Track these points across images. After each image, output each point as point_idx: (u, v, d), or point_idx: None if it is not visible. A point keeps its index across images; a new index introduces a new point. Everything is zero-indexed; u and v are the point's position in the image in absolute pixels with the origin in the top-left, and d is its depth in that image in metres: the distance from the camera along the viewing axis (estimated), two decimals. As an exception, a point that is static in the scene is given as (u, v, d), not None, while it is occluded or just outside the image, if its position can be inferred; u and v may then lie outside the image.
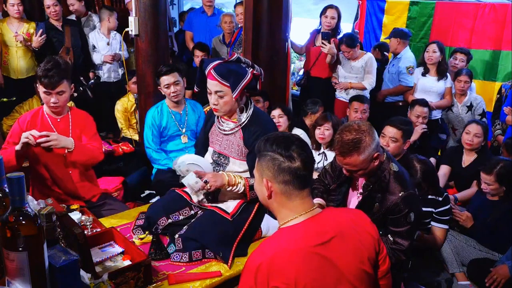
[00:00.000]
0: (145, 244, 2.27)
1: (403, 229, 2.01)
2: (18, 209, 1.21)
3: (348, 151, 1.97)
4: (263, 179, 1.42)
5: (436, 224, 2.82)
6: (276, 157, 1.39)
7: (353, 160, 1.99)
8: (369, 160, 2.00)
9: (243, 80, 2.19)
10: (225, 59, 2.26)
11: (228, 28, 5.04)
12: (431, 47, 4.36)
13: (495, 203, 2.91)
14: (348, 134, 1.99)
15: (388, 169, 2.06)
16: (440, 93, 4.37)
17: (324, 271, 1.31)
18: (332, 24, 4.41)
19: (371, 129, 2.01)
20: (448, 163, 3.66)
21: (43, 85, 2.44)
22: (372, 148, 1.98)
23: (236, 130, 2.31)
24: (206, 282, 2.01)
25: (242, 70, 2.23)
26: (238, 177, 2.26)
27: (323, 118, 3.49)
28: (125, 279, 1.83)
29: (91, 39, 4.80)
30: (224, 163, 2.36)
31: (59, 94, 2.48)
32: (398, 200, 1.99)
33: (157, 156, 3.34)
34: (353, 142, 1.96)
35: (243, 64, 2.27)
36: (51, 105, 2.50)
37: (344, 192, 2.27)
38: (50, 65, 2.41)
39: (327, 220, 1.41)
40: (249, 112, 2.30)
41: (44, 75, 2.40)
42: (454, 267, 2.80)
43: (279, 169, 1.38)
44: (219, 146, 2.39)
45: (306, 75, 4.69)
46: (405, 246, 2.02)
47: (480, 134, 3.47)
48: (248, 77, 2.21)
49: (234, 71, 2.20)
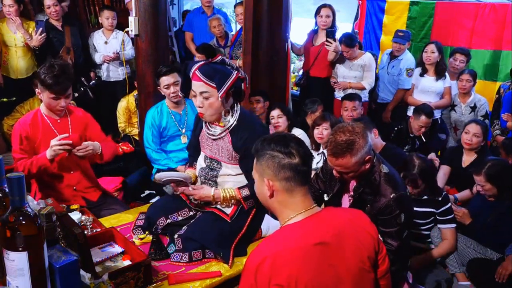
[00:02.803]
0: (145, 244, 2.27)
1: (393, 229, 2.02)
2: (18, 209, 1.21)
3: (341, 152, 1.96)
4: (264, 179, 1.43)
5: (443, 226, 2.80)
6: (275, 155, 1.40)
7: (345, 161, 1.98)
8: (361, 163, 2.00)
9: (229, 79, 2.15)
10: (209, 60, 2.23)
11: (219, 32, 5.05)
12: (429, 47, 4.36)
13: (493, 204, 2.90)
14: (341, 135, 1.98)
15: (378, 171, 2.06)
16: (438, 93, 4.37)
17: (324, 269, 1.32)
18: (328, 22, 4.41)
19: (365, 131, 2.01)
20: (448, 163, 3.66)
21: (53, 92, 2.43)
22: (364, 151, 1.98)
23: (224, 135, 2.26)
24: (206, 282, 2.01)
25: (227, 70, 2.20)
26: (229, 192, 2.24)
27: (321, 117, 3.50)
28: (125, 279, 1.83)
29: (91, 39, 4.80)
30: (217, 168, 2.33)
31: (67, 98, 2.50)
32: (390, 201, 1.99)
33: (157, 156, 3.34)
34: (347, 144, 1.95)
35: (228, 66, 2.24)
36: (58, 108, 2.51)
37: (336, 196, 2.27)
38: (58, 71, 2.39)
39: (327, 219, 1.41)
40: (236, 115, 2.26)
41: (54, 82, 2.39)
42: (454, 267, 2.80)
43: (279, 166, 1.39)
44: (209, 151, 2.36)
45: (305, 75, 4.69)
46: (395, 246, 2.02)
47: (479, 134, 3.46)
48: (233, 77, 2.17)
49: (219, 70, 2.18)
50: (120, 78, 4.85)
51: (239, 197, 2.23)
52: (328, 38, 4.27)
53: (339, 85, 4.45)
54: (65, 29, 4.57)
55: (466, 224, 2.95)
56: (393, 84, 4.66)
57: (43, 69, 2.43)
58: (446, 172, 3.63)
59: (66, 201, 2.57)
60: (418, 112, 3.88)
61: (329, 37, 4.27)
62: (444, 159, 3.76)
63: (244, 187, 2.24)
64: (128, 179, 3.55)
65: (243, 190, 2.23)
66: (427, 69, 4.39)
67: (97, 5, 5.55)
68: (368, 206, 2.05)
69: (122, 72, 4.82)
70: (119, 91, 4.80)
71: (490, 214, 2.88)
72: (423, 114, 3.82)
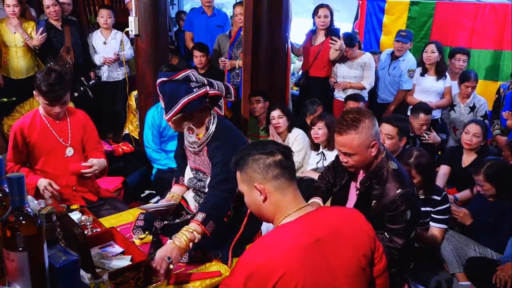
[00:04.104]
0: (145, 244, 2.26)
1: (399, 226, 2.01)
2: (18, 209, 1.21)
3: (346, 127, 1.98)
4: (254, 185, 1.43)
5: (434, 224, 2.81)
6: (258, 157, 1.43)
7: (350, 139, 1.98)
8: (366, 146, 1.99)
9: (178, 103, 2.02)
10: (170, 78, 2.09)
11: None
12: (429, 47, 4.36)
13: (493, 204, 2.90)
14: (349, 114, 2.02)
15: (386, 167, 2.06)
16: (439, 93, 4.38)
17: (319, 268, 1.32)
18: (326, 22, 4.41)
19: (373, 116, 2.03)
20: (448, 163, 3.65)
21: (47, 100, 2.41)
22: (370, 133, 1.98)
23: (202, 148, 2.23)
24: (206, 282, 2.01)
25: (181, 91, 2.05)
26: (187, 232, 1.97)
27: (317, 117, 3.51)
28: (125, 279, 1.83)
29: (90, 39, 4.80)
30: (203, 178, 2.31)
31: (62, 105, 2.48)
32: (396, 197, 1.99)
33: (157, 156, 3.34)
34: (352, 120, 1.98)
35: (193, 83, 2.08)
36: (53, 113, 2.50)
37: (345, 191, 2.27)
38: (54, 80, 2.35)
39: (320, 217, 1.41)
40: (212, 127, 2.18)
41: (49, 90, 2.36)
42: (454, 267, 2.80)
43: (265, 166, 1.41)
44: (193, 163, 2.33)
45: (304, 75, 4.69)
46: (400, 244, 2.01)
47: (479, 134, 3.46)
48: (188, 98, 2.03)
49: (168, 93, 2.06)
50: (120, 78, 4.85)
51: (198, 224, 2.00)
52: (333, 36, 4.27)
53: (339, 85, 4.46)
54: (65, 29, 4.57)
55: (467, 225, 2.95)
56: (394, 85, 4.66)
57: (41, 74, 2.40)
58: (446, 172, 3.63)
59: (66, 201, 2.57)
60: (416, 111, 3.90)
61: (334, 35, 4.27)
62: (444, 159, 3.76)
63: (197, 214, 2.06)
64: (128, 179, 3.55)
65: (199, 215, 2.04)
66: (428, 69, 4.40)
67: (97, 5, 5.55)
68: (374, 202, 2.05)
69: (122, 72, 4.82)
70: (119, 91, 4.80)
71: (490, 214, 2.88)
72: (421, 112, 3.85)
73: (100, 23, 4.76)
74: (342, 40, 4.26)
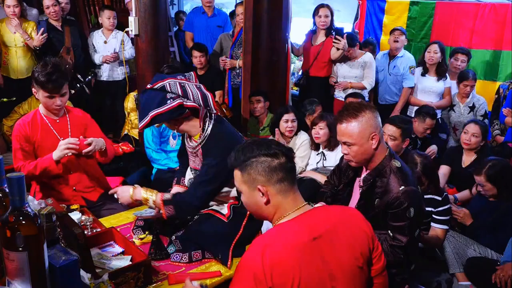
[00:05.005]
0: (145, 244, 2.27)
1: (403, 224, 2.00)
2: (18, 209, 1.21)
3: (347, 115, 2.01)
4: (256, 187, 1.41)
5: (435, 225, 2.81)
6: (263, 160, 1.40)
7: (350, 128, 2.00)
8: (366, 137, 2.00)
9: (148, 114, 2.06)
10: (151, 86, 2.12)
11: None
12: (432, 47, 4.35)
13: (494, 204, 2.90)
14: (352, 104, 2.07)
15: (389, 165, 2.06)
16: (439, 93, 4.37)
17: (316, 265, 1.32)
18: (327, 22, 4.41)
19: (375, 109, 2.05)
20: (448, 163, 3.65)
21: (47, 91, 2.40)
22: (370, 124, 1.99)
23: (197, 150, 2.26)
24: (206, 282, 2.01)
25: (153, 103, 2.07)
26: (149, 193, 2.21)
27: (319, 117, 3.48)
28: (125, 279, 1.83)
29: (91, 39, 4.80)
30: None
31: (62, 96, 2.47)
32: (399, 194, 1.99)
33: (157, 156, 3.34)
34: (353, 109, 2.01)
35: (170, 94, 2.08)
36: (54, 107, 2.49)
37: (349, 190, 2.28)
38: (51, 69, 2.36)
39: (318, 216, 1.42)
40: (207, 131, 2.21)
41: (47, 80, 2.35)
42: (455, 267, 2.80)
43: (270, 169, 1.39)
44: (193, 163, 2.37)
45: (304, 75, 4.69)
46: (404, 242, 2.00)
47: (478, 134, 3.46)
48: (157, 111, 2.05)
49: (142, 103, 2.09)
50: (120, 78, 4.85)
51: (160, 199, 2.17)
52: (337, 35, 4.27)
53: (340, 85, 4.46)
54: (65, 29, 4.57)
55: (467, 225, 2.95)
56: (396, 84, 4.62)
57: (37, 67, 2.41)
58: (446, 172, 3.63)
59: (66, 201, 2.57)
60: (422, 115, 3.86)
61: (338, 34, 4.27)
62: (444, 159, 3.75)
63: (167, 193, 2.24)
64: (128, 179, 3.54)
65: (166, 194, 2.21)
66: (428, 69, 4.39)
67: (97, 5, 5.55)
68: (377, 200, 2.05)
69: (122, 72, 4.82)
70: (119, 91, 4.80)
71: (490, 214, 2.88)
72: (428, 117, 3.83)
73: (105, 24, 4.75)
74: (345, 39, 4.27)
